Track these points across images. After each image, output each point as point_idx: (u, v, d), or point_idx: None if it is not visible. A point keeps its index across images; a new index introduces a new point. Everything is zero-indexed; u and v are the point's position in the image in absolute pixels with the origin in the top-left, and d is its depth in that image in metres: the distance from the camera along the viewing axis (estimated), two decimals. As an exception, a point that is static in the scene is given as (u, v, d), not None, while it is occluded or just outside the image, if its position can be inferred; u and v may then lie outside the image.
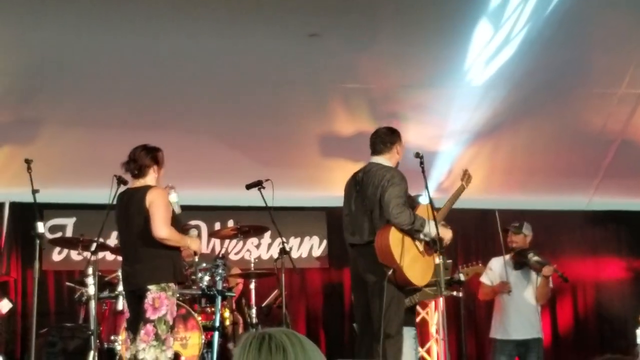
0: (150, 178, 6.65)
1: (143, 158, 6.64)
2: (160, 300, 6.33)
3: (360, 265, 6.81)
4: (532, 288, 8.41)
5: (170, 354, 6.40)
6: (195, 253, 7.50)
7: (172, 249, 6.53)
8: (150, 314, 6.33)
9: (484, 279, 8.73)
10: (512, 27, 8.43)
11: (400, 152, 7.07)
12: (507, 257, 8.45)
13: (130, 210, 6.56)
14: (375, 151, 6.98)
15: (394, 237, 6.55)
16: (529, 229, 8.66)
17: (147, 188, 6.56)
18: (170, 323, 6.39)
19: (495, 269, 8.60)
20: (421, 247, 6.75)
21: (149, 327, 6.32)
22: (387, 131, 7.06)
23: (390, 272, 6.47)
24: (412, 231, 6.60)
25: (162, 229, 6.40)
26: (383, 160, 6.92)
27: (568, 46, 8.68)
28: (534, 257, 8.31)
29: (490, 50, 8.68)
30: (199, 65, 8.48)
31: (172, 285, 6.43)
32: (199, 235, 8.90)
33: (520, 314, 8.40)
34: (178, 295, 7.07)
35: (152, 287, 6.35)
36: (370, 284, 6.68)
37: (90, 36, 7.95)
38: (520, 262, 8.41)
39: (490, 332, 8.74)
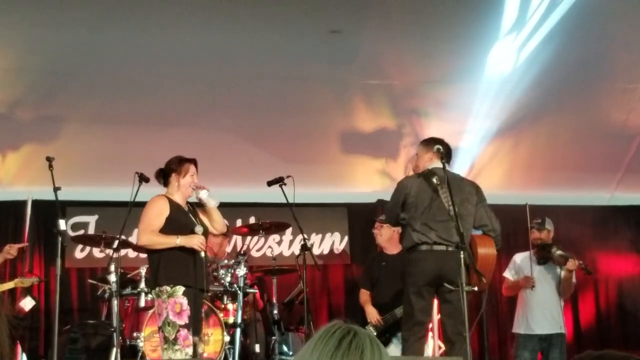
0: (171, 186, 6.78)
1: (167, 166, 6.79)
2: (160, 306, 6.46)
3: (447, 268, 6.63)
4: (555, 283, 8.39)
5: (188, 351, 6.42)
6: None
7: (160, 251, 6.55)
8: (158, 322, 6.51)
9: (508, 274, 8.71)
10: (534, 24, 8.39)
11: None
12: (531, 252, 8.43)
13: None
14: (448, 162, 6.99)
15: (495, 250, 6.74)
16: (550, 224, 8.65)
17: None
18: (179, 322, 6.39)
19: (519, 264, 8.58)
20: None
21: (160, 333, 6.49)
22: None
23: (484, 281, 6.45)
24: (498, 245, 6.78)
25: (138, 238, 6.69)
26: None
27: (590, 41, 8.62)
28: (557, 252, 8.28)
29: (514, 46, 8.64)
30: (221, 62, 8.48)
31: (164, 288, 6.44)
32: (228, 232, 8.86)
33: (544, 309, 8.38)
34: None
35: (151, 296, 6.63)
36: (458, 287, 6.55)
37: (111, 34, 7.98)
38: (543, 257, 8.38)
39: (513, 327, 8.72)
